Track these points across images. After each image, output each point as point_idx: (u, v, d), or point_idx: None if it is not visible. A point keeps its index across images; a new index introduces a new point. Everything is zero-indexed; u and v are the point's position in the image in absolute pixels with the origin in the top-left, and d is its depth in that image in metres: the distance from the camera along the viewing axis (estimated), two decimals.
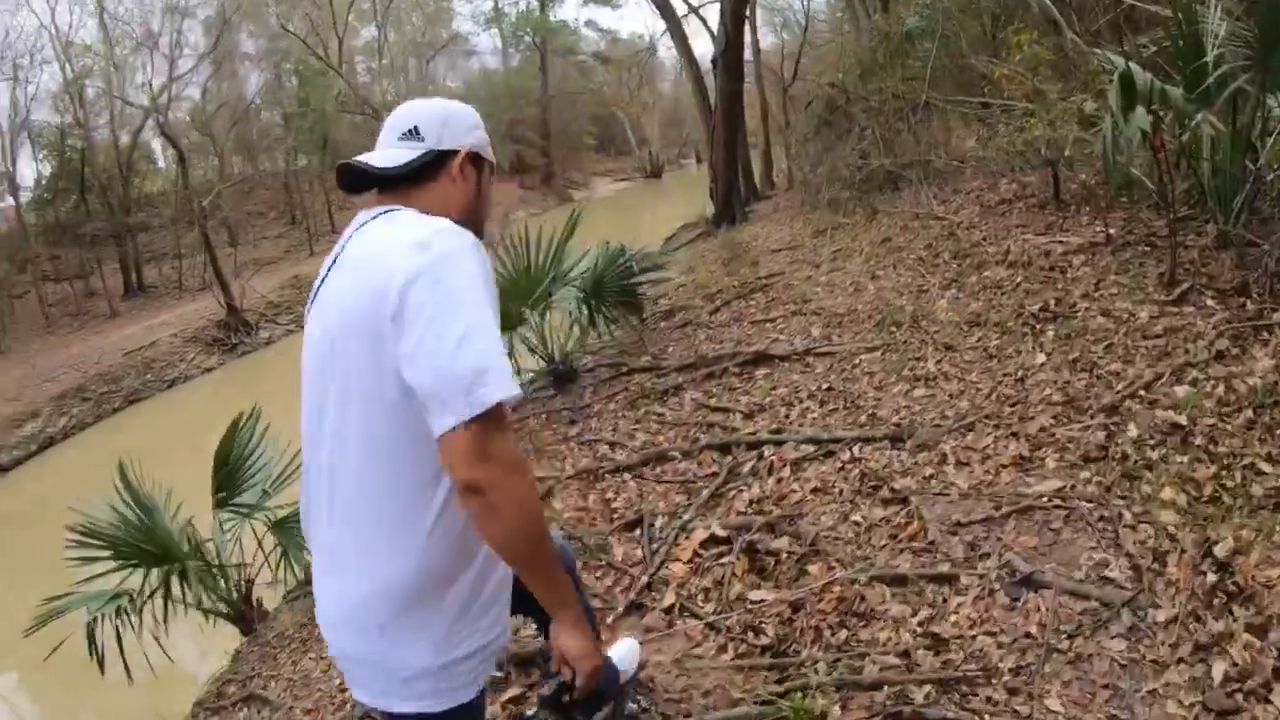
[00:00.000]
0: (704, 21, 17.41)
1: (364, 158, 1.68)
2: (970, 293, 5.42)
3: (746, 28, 17.84)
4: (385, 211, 1.62)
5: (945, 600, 2.76)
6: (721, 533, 3.57)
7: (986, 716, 2.27)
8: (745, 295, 7.41)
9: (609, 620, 3.21)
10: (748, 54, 18.79)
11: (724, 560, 3.37)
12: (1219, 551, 2.51)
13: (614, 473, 4.59)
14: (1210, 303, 4.09)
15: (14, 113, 25.46)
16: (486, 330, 1.42)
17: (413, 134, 1.69)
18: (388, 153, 1.69)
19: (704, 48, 16.95)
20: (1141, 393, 3.53)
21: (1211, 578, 2.46)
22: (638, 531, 3.87)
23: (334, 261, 1.67)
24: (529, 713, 1.83)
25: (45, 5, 34.99)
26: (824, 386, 4.83)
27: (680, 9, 18.34)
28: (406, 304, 1.41)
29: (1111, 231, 5.32)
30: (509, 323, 6.06)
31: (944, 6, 9.59)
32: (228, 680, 4.56)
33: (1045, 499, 3.09)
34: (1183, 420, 3.24)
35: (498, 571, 1.64)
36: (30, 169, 28.14)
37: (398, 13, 39.07)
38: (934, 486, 3.40)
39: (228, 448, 5.16)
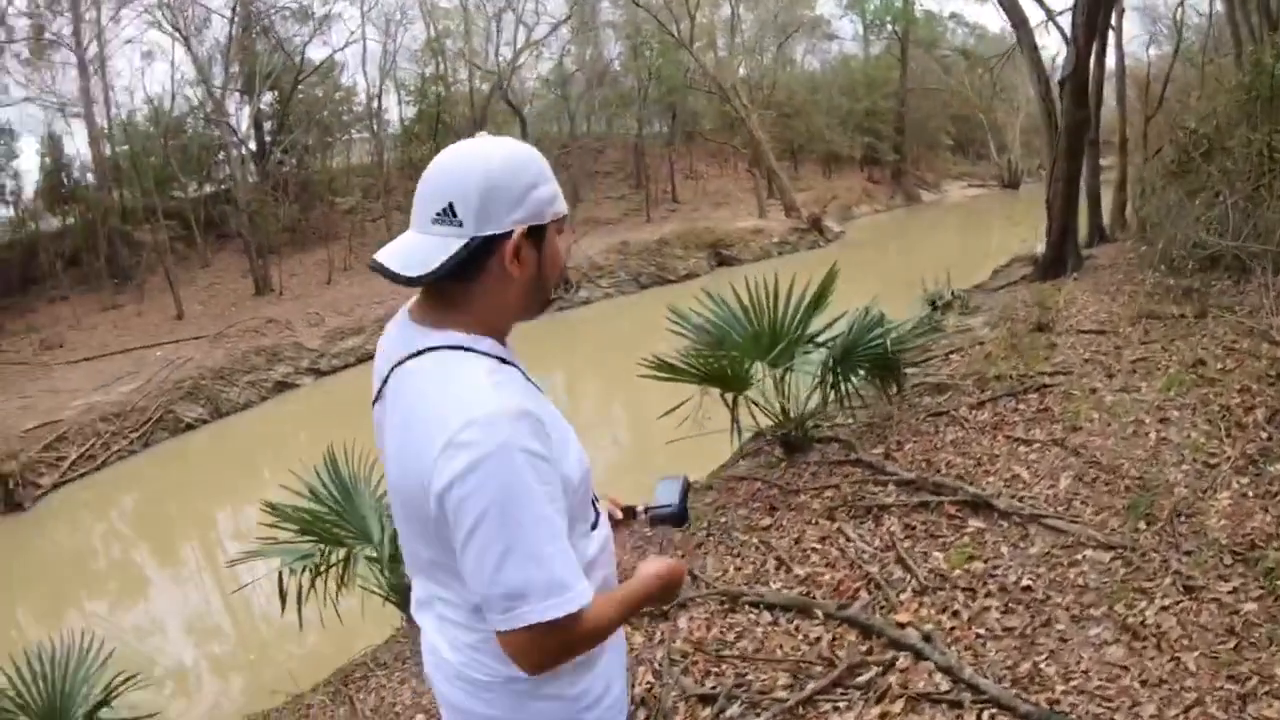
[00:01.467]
0: (1062, 32, 15.11)
1: (389, 254, 1.38)
2: (1264, 493, 3.94)
3: (1111, 42, 15.47)
4: (424, 351, 1.39)
5: None
6: None
7: None
8: (1019, 393, 6.19)
9: None
10: (1110, 71, 16.35)
11: None
12: None
13: (754, 606, 4.09)
14: None
15: (384, 61, 28.23)
16: (525, 549, 1.29)
17: (447, 215, 1.35)
18: (419, 245, 1.36)
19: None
20: None
21: None
22: (706, 712, 3.36)
23: (382, 384, 1.49)
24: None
25: None
26: (1020, 583, 3.70)
27: (1037, 15, 16.17)
28: (446, 512, 1.31)
29: None
30: (737, 383, 5.67)
31: None
32: (360, 663, 5.04)
33: None
34: None
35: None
36: (395, 112, 31.52)
37: None
38: None
39: None
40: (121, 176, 24.33)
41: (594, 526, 1.53)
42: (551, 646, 1.35)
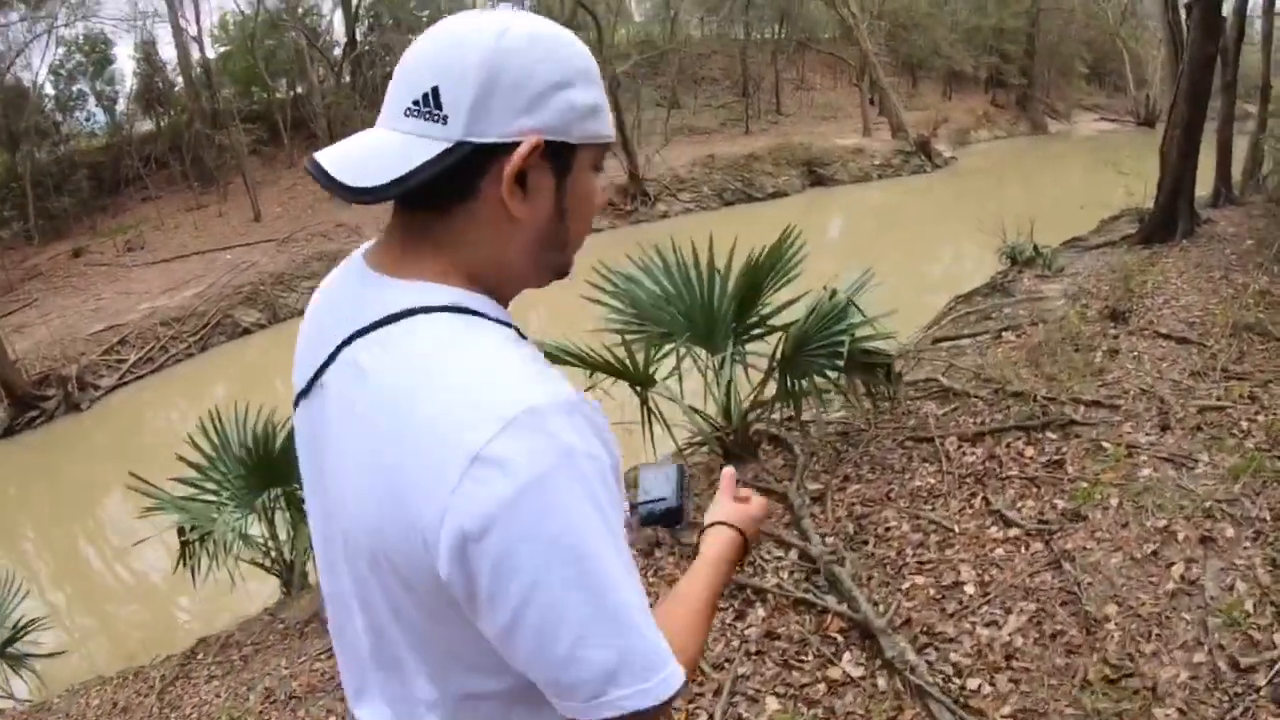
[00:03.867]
0: None
1: (335, 156, 0.85)
2: None
3: None
4: (400, 315, 0.85)
5: None
6: None
7: None
8: (1037, 428, 4.67)
9: None
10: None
11: None
12: None
13: None
14: None
15: None
16: (613, 615, 0.82)
17: (428, 104, 0.83)
18: (382, 145, 0.84)
19: None
20: None
21: None
22: None
23: (320, 370, 0.93)
24: None
25: None
26: None
27: None
28: (474, 575, 0.79)
29: None
30: (638, 377, 4.56)
31: None
32: (214, 638, 4.95)
33: None
34: None
35: None
36: None
37: None
38: None
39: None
40: (211, 80, 24.46)
41: None
42: None
